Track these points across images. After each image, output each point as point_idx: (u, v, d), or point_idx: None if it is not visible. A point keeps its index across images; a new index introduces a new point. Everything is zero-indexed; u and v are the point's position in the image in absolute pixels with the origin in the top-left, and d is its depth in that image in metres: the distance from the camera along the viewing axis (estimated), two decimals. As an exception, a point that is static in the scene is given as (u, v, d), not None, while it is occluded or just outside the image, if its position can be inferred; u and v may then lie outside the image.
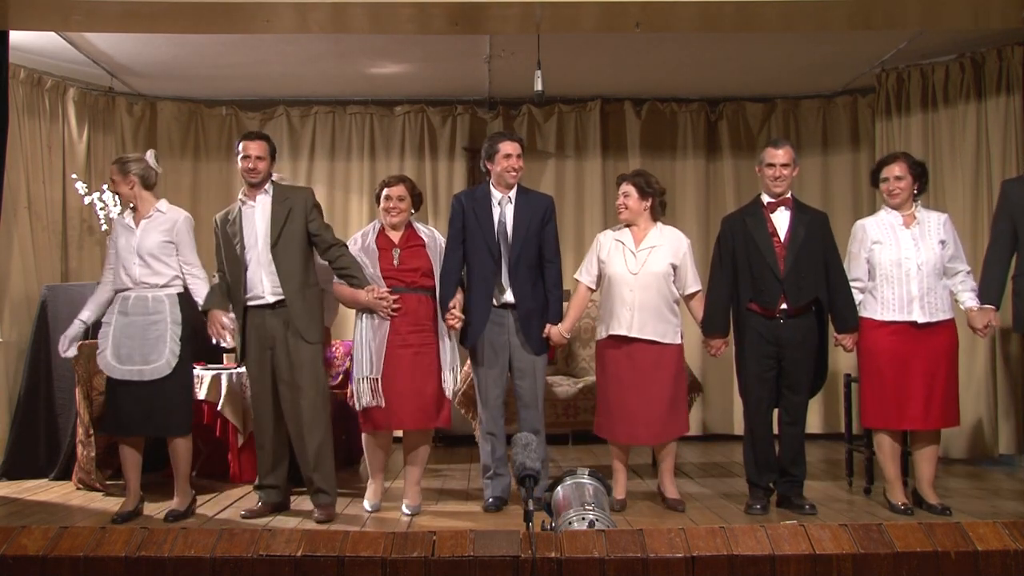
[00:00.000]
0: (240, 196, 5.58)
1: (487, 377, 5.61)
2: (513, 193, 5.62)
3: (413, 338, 5.50)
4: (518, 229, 5.55)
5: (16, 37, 6.45)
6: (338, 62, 7.81)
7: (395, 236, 5.63)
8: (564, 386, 7.21)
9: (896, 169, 5.58)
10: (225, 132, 8.89)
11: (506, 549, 2.98)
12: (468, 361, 5.92)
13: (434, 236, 5.73)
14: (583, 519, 3.26)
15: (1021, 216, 5.48)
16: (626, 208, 5.64)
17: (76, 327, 5.56)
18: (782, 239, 5.47)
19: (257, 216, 5.47)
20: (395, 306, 5.42)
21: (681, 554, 3.01)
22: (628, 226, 5.70)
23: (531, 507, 3.03)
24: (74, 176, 7.77)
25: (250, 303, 5.44)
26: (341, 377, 6.59)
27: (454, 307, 5.50)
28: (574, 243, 8.69)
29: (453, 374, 5.57)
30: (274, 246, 5.40)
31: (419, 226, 5.75)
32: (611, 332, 5.56)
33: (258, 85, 8.49)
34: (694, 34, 6.89)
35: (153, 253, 5.47)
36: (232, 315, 5.48)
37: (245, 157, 5.48)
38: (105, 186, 7.75)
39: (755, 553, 3.03)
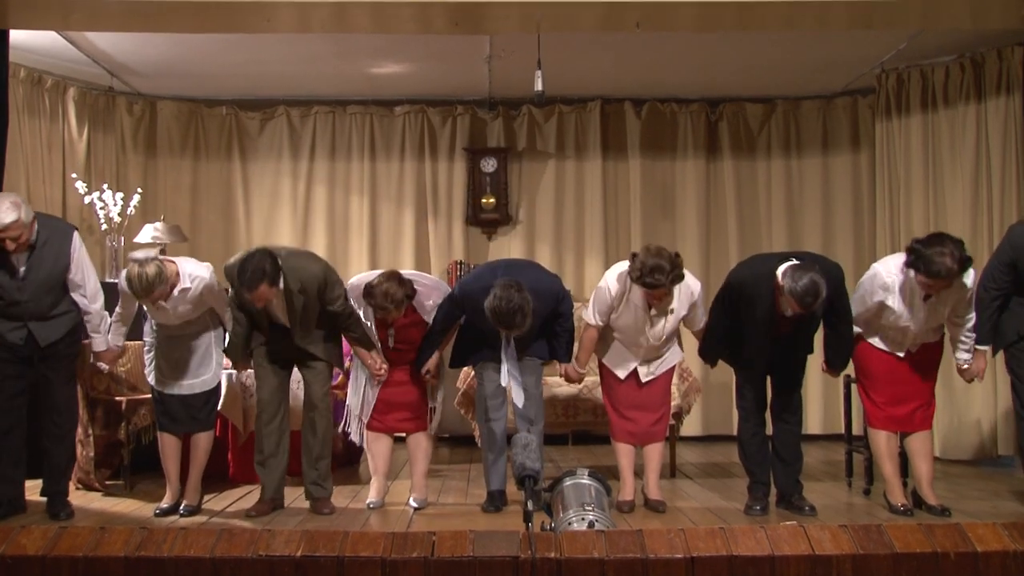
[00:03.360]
0: None
1: (486, 379, 5.66)
2: None
3: (409, 355, 5.69)
4: (522, 340, 5.52)
5: (16, 36, 6.47)
6: (338, 62, 7.81)
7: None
8: (564, 387, 7.19)
9: (942, 284, 5.14)
10: (225, 131, 8.88)
11: (506, 550, 2.99)
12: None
13: (434, 288, 5.74)
14: (583, 520, 3.27)
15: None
16: (661, 302, 5.40)
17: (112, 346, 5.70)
18: (787, 328, 5.37)
19: (274, 307, 5.47)
20: (381, 377, 5.63)
21: (681, 555, 3.01)
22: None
23: (530, 507, 3.03)
24: (74, 175, 7.79)
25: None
26: (341, 377, 6.59)
27: (429, 372, 5.66)
28: (574, 246, 8.71)
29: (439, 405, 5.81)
30: (296, 333, 5.49)
31: (418, 283, 5.64)
32: (618, 372, 5.63)
33: (258, 84, 8.49)
34: (694, 34, 6.89)
35: (186, 316, 5.59)
36: (251, 371, 5.71)
37: (253, 301, 5.31)
38: (105, 185, 7.78)
39: (755, 554, 3.04)
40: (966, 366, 5.47)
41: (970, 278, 5.25)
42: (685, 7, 6.03)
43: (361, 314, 5.59)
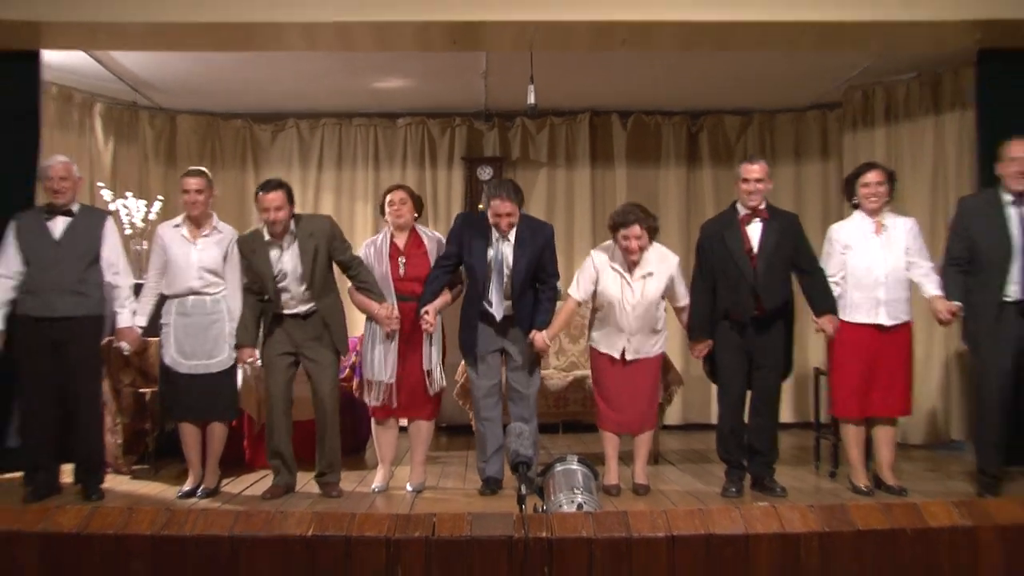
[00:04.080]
0: (264, 234, 5.54)
1: (481, 373, 5.64)
2: (512, 230, 5.59)
3: (413, 337, 5.59)
4: (518, 263, 5.53)
5: (48, 56, 6.50)
6: (344, 77, 7.81)
7: (401, 241, 5.68)
8: (555, 379, 7.22)
9: (875, 176, 5.62)
10: (240, 143, 8.89)
11: (501, 530, 3.00)
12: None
13: (436, 239, 5.78)
14: (572, 502, 3.28)
15: (978, 234, 5.45)
16: (639, 250, 5.51)
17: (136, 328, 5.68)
18: (755, 249, 5.51)
19: (286, 258, 5.49)
20: (395, 326, 5.52)
21: (662, 534, 3.02)
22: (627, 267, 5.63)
23: (524, 491, 3.06)
24: (100, 184, 7.79)
25: (281, 311, 5.54)
26: (348, 371, 6.60)
27: (427, 313, 5.50)
28: (564, 247, 8.66)
29: (439, 370, 5.66)
30: (310, 279, 5.47)
31: (422, 230, 5.79)
32: (608, 353, 5.62)
33: (270, 99, 8.49)
34: (676, 52, 6.89)
35: (212, 269, 5.58)
36: (257, 354, 5.61)
37: (264, 210, 5.44)
38: (129, 193, 7.78)
39: (730, 532, 3.05)
40: (938, 298, 5.47)
41: (912, 221, 5.71)
42: (667, 27, 6.05)
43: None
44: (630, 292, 5.54)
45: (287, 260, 5.48)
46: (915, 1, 5.91)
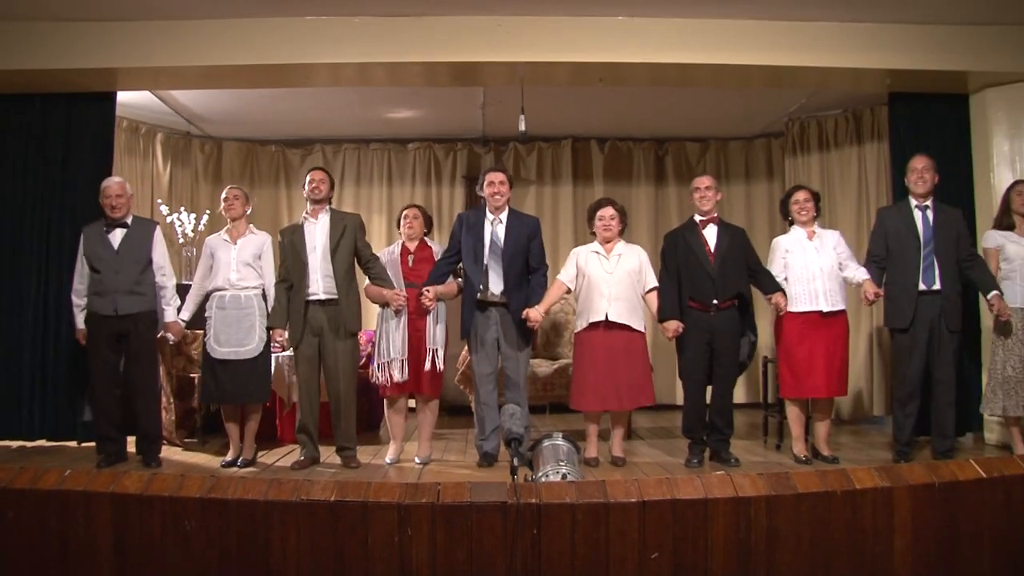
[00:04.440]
0: (304, 214, 5.66)
1: (480, 361, 5.58)
2: (504, 215, 5.58)
3: (421, 324, 5.57)
4: (508, 244, 5.51)
5: (121, 95, 6.60)
6: (363, 109, 7.81)
7: (411, 247, 5.68)
8: (543, 367, 7.22)
9: (803, 195, 5.68)
10: (275, 165, 8.88)
11: (496, 496, 3.00)
12: (466, 347, 5.94)
13: (441, 247, 5.77)
14: (558, 473, 3.28)
15: (893, 236, 5.63)
16: (611, 229, 5.61)
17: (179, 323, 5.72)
18: (712, 248, 5.52)
19: (318, 230, 5.55)
20: (402, 304, 5.48)
21: (635, 499, 3.02)
22: (599, 241, 5.68)
23: (516, 463, 3.05)
24: (159, 201, 7.88)
25: (308, 298, 5.50)
26: (364, 360, 6.58)
27: (428, 290, 5.47)
28: (550, 254, 8.56)
29: (442, 350, 5.60)
30: (333, 254, 5.49)
31: (429, 241, 5.79)
32: (590, 320, 5.53)
33: (300, 128, 8.47)
34: (645, 88, 6.92)
35: (248, 263, 5.59)
36: (286, 333, 5.55)
37: (311, 181, 5.61)
38: (182, 208, 7.78)
39: (692, 497, 3.05)
40: (868, 281, 5.52)
41: (838, 233, 5.77)
42: (638, 67, 6.06)
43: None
44: (608, 264, 5.57)
45: (319, 234, 5.53)
46: (840, 50, 6.00)
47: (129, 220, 5.62)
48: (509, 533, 2.95)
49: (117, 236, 5.55)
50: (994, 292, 5.45)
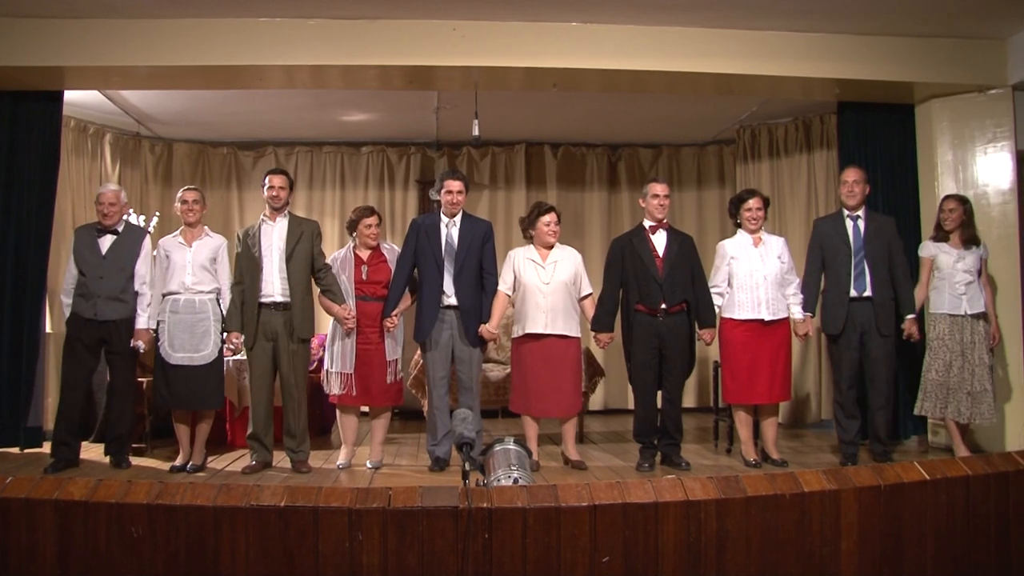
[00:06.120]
0: (262, 216, 5.61)
1: (433, 365, 5.57)
2: (458, 218, 5.59)
3: (373, 336, 5.54)
4: (462, 246, 5.51)
5: (68, 94, 6.48)
6: (316, 112, 7.75)
7: (365, 254, 5.63)
8: (495, 371, 7.21)
9: (756, 203, 5.73)
10: (226, 167, 8.75)
11: (447, 501, 2.98)
12: (419, 351, 5.91)
13: (394, 250, 5.75)
14: (509, 477, 3.27)
15: (827, 246, 5.76)
16: (557, 234, 5.68)
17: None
18: (660, 254, 5.56)
19: (275, 233, 5.53)
20: (351, 326, 5.48)
21: (586, 503, 3.02)
22: (536, 246, 5.70)
23: (468, 468, 3.04)
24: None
25: (262, 300, 5.46)
26: (316, 364, 6.53)
27: (396, 315, 5.53)
28: (503, 258, 8.67)
29: (400, 359, 5.65)
30: (288, 259, 5.46)
31: (382, 244, 5.75)
32: (527, 331, 5.56)
33: (252, 129, 8.37)
34: (599, 94, 6.94)
35: (204, 266, 5.54)
36: (243, 337, 5.50)
37: (271, 188, 5.55)
38: (131, 210, 7.64)
39: (643, 501, 3.05)
40: (799, 321, 5.68)
41: (783, 239, 5.84)
42: (591, 73, 6.09)
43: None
44: (544, 273, 5.57)
45: (276, 235, 5.51)
46: (791, 59, 6.09)
47: (120, 227, 5.66)
48: (460, 537, 2.94)
49: (106, 242, 5.58)
50: (909, 316, 5.65)
